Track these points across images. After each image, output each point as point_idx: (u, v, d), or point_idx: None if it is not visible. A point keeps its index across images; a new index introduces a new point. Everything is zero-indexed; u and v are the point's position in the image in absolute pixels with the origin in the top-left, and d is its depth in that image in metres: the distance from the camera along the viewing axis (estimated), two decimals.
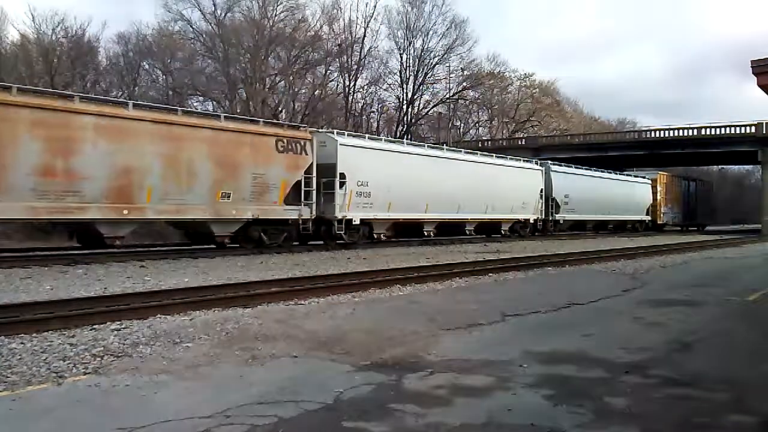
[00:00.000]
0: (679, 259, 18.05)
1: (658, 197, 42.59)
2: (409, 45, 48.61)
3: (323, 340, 6.36)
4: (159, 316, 7.51)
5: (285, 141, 17.72)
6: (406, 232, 24.45)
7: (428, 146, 26.72)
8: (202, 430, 3.83)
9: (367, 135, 23.36)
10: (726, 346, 6.79)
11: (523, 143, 50.99)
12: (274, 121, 22.74)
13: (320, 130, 22.59)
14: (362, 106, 48.45)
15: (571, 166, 35.16)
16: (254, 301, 8.66)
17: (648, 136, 48.58)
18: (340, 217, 19.40)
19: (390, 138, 27.11)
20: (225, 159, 16.30)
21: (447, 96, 50.83)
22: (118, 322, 7.02)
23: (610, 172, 38.14)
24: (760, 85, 9.77)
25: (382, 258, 16.90)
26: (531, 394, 4.65)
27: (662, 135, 47.26)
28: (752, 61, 9.64)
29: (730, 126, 44.74)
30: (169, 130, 15.22)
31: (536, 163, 31.29)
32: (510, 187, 27.87)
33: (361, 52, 45.46)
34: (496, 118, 59.05)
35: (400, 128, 48.03)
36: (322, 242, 19.95)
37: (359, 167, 20.04)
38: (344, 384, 4.81)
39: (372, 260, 16.17)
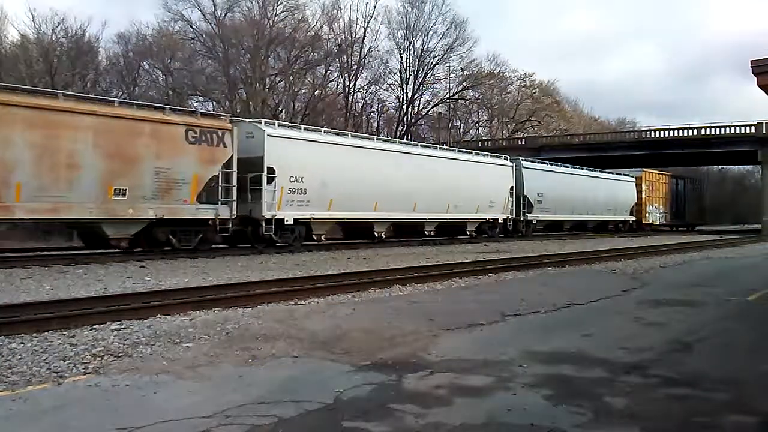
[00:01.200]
0: (679, 259, 18.05)
1: (643, 196, 40.80)
2: (409, 45, 48.69)
3: (323, 340, 6.36)
4: (159, 316, 7.51)
5: (197, 131, 15.62)
6: (355, 233, 22.49)
7: (378, 139, 24.02)
8: (202, 430, 3.83)
9: (303, 126, 20.82)
10: (726, 346, 6.79)
11: (523, 143, 51.03)
12: (185, 108, 19.50)
13: (245, 119, 20.01)
14: (362, 106, 48.52)
15: (546, 163, 33.11)
16: (254, 301, 8.66)
17: (648, 136, 48.64)
18: (268, 217, 17.43)
19: (330, 129, 24.43)
20: (118, 150, 14.22)
21: (447, 96, 50.88)
22: (118, 322, 7.02)
23: (590, 170, 36.34)
24: (760, 85, 9.78)
25: (382, 258, 16.92)
26: (531, 394, 4.65)
27: (662, 135, 47.33)
28: (752, 61, 9.66)
29: (730, 126, 44.81)
30: (45, 117, 13.21)
31: (506, 159, 29.17)
32: (475, 184, 25.67)
33: (361, 52, 45.50)
34: (496, 118, 59.10)
35: (400, 128, 48.07)
36: (257, 245, 17.94)
37: (293, 160, 18.05)
38: (344, 384, 4.82)
39: (372, 260, 16.18)
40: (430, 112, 51.31)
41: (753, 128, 43.38)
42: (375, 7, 50.51)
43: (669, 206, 45.11)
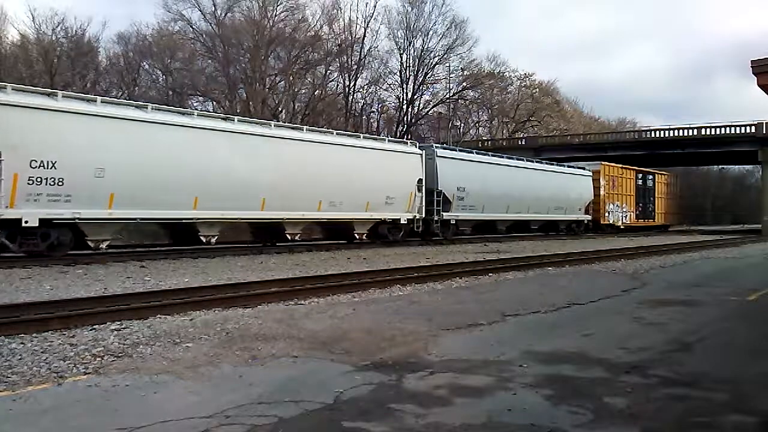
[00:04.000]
0: (679, 259, 18.05)
1: (602, 192, 36.09)
2: (409, 45, 48.68)
3: (323, 340, 6.36)
4: (159, 316, 7.51)
5: None
6: (177, 237, 17.39)
7: (199, 114, 17.96)
8: (202, 430, 3.83)
9: (60, 92, 14.88)
10: (726, 346, 6.79)
11: (523, 143, 51.10)
12: None
13: None
14: (362, 106, 48.51)
15: (472, 151, 28.48)
16: (254, 301, 8.66)
17: (648, 136, 48.71)
18: None
19: (111, 99, 18.19)
20: None
21: (447, 96, 50.85)
22: (118, 322, 7.02)
23: (530, 161, 31.79)
24: (760, 85, 9.79)
25: (382, 258, 16.92)
26: (531, 394, 4.65)
27: (662, 135, 47.39)
28: (752, 61, 9.67)
29: (730, 126, 44.86)
30: None
31: (413, 146, 23.85)
32: (366, 175, 20.49)
33: (361, 52, 45.49)
34: (496, 118, 59.10)
35: (401, 128, 48.08)
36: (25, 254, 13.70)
37: (36, 138, 13.27)
38: (344, 384, 4.82)
39: (372, 260, 16.18)
40: (430, 112, 51.35)
41: (753, 128, 43.43)
42: (375, 7, 50.83)
43: (634, 204, 40.58)
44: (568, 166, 34.47)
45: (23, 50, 35.95)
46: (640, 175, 42.02)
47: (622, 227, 38.44)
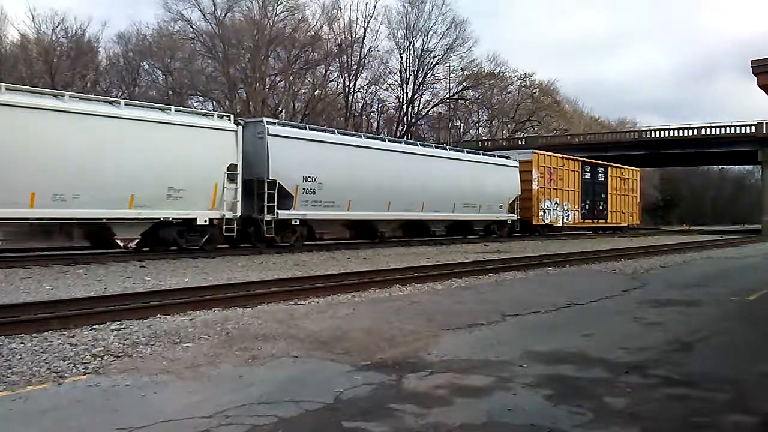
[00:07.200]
0: (679, 259, 18.05)
1: (535, 186, 29.94)
2: (409, 45, 48.66)
3: (323, 340, 6.36)
4: (159, 316, 7.51)
5: None
6: None
7: None
8: (202, 430, 3.83)
9: None
10: (726, 346, 6.79)
11: (523, 143, 51.11)
12: None
13: None
14: (362, 106, 48.46)
15: (335, 132, 21.77)
16: (254, 301, 8.66)
17: (648, 136, 48.79)
18: None
19: None
20: None
21: (447, 96, 50.84)
22: (118, 322, 7.02)
23: (427, 145, 26.01)
24: (760, 85, 9.79)
25: (382, 258, 16.92)
26: (531, 394, 4.65)
27: (662, 135, 47.47)
28: (752, 61, 9.67)
29: (730, 126, 44.96)
30: None
31: (225, 119, 17.28)
32: (132, 158, 14.65)
33: (361, 52, 45.45)
34: (496, 118, 59.07)
35: (401, 128, 48.07)
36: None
37: None
38: (344, 384, 4.81)
39: (372, 260, 16.18)
40: (430, 112, 51.33)
41: (753, 128, 43.51)
42: (375, 7, 50.44)
43: (579, 201, 34.08)
44: (485, 154, 28.46)
45: (23, 50, 35.92)
46: (588, 168, 35.38)
47: (564, 228, 32.98)
